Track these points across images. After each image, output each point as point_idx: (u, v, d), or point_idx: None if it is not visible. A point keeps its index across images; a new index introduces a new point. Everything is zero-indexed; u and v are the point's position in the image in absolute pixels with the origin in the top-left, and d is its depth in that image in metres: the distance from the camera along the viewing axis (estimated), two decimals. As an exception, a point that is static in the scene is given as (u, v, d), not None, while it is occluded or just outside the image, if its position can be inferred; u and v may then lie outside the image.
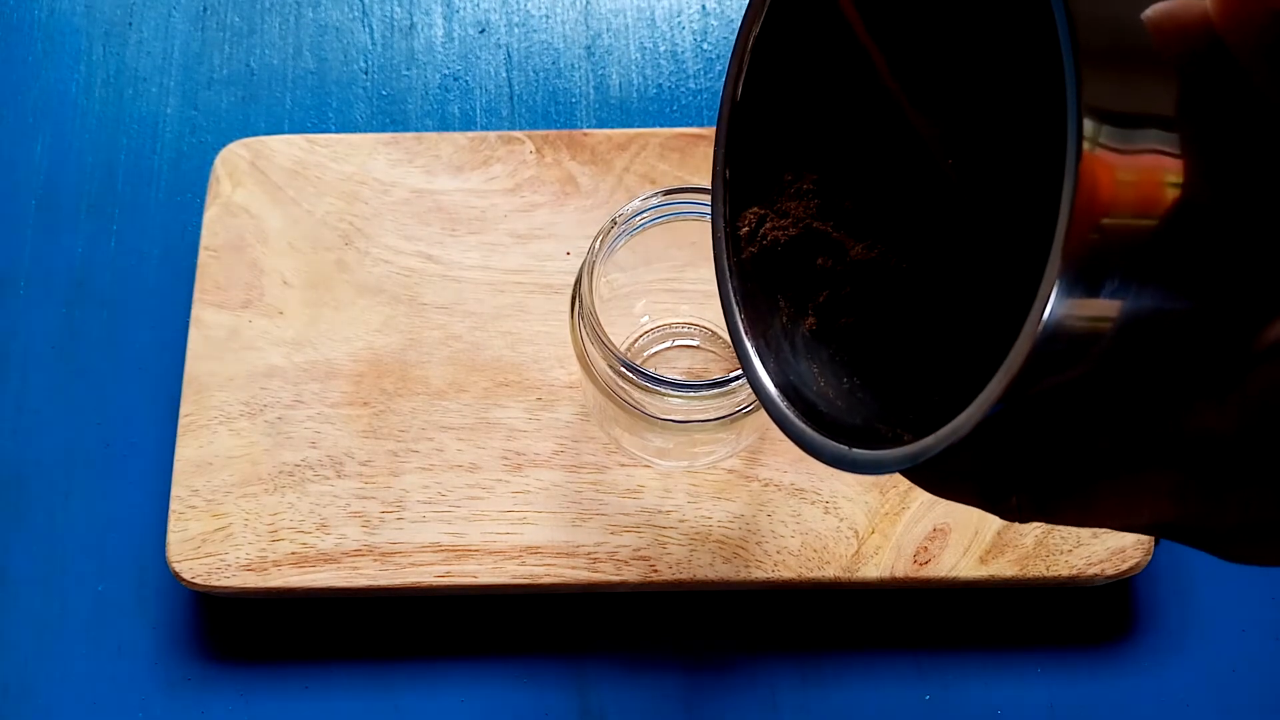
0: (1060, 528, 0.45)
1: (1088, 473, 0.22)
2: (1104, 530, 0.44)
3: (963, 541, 0.45)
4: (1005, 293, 0.22)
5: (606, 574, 0.45)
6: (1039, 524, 0.45)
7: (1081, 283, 0.18)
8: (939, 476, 0.23)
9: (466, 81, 0.56)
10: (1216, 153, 0.19)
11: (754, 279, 0.28)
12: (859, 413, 0.25)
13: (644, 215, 0.41)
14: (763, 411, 0.42)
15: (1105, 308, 0.19)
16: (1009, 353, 0.19)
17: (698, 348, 0.49)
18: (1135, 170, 0.18)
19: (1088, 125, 0.18)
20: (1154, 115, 0.18)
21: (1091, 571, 0.44)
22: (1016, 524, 0.45)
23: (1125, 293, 0.19)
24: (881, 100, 0.28)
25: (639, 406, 0.41)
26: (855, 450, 0.23)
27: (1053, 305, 0.18)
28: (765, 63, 0.27)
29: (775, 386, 0.26)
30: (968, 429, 0.20)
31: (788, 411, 0.25)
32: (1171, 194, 0.18)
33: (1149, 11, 0.18)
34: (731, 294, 0.28)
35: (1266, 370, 0.20)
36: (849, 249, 0.27)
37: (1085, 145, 0.18)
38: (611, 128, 0.54)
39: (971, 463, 0.22)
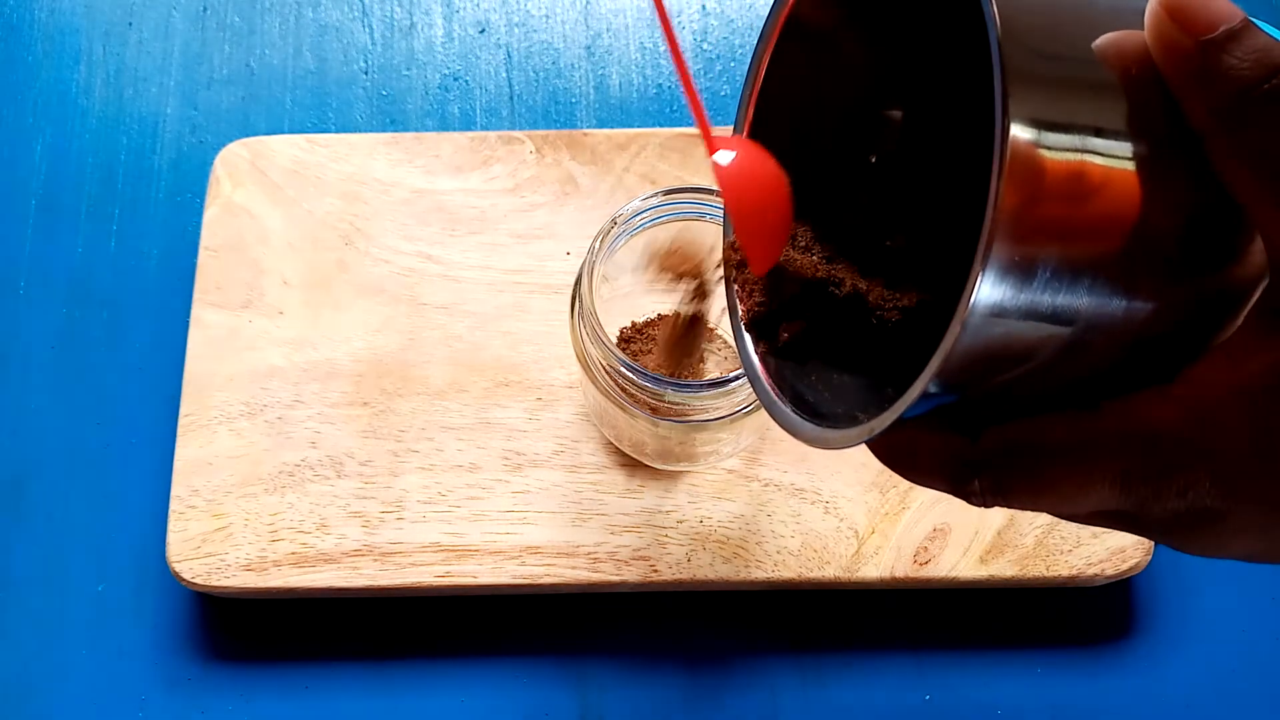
0: (1061, 529, 0.45)
1: (1038, 458, 0.23)
2: (1104, 530, 0.44)
3: (963, 541, 0.45)
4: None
5: (606, 574, 0.45)
6: (1038, 523, 0.45)
7: (1011, 274, 0.20)
8: (909, 460, 0.24)
9: (466, 81, 0.56)
10: (1144, 160, 0.20)
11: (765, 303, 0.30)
12: (842, 403, 0.27)
13: (644, 215, 0.41)
14: (763, 411, 0.43)
15: (1037, 298, 0.20)
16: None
17: (698, 348, 0.49)
18: (1061, 170, 0.20)
19: (1017, 127, 0.19)
20: (1084, 125, 0.20)
21: (1091, 571, 0.44)
22: (1014, 521, 0.45)
23: (1058, 286, 0.20)
24: (866, 146, 0.30)
25: (639, 407, 0.41)
26: (828, 430, 0.25)
27: (979, 293, 0.20)
28: (770, 109, 0.30)
29: (768, 376, 0.28)
30: (906, 405, 0.22)
31: (776, 397, 0.28)
32: (1099, 195, 0.20)
33: (1099, 40, 0.21)
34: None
35: (1208, 368, 0.22)
36: (842, 282, 0.29)
37: (1014, 144, 0.19)
38: (611, 128, 0.54)
39: (935, 446, 0.24)
